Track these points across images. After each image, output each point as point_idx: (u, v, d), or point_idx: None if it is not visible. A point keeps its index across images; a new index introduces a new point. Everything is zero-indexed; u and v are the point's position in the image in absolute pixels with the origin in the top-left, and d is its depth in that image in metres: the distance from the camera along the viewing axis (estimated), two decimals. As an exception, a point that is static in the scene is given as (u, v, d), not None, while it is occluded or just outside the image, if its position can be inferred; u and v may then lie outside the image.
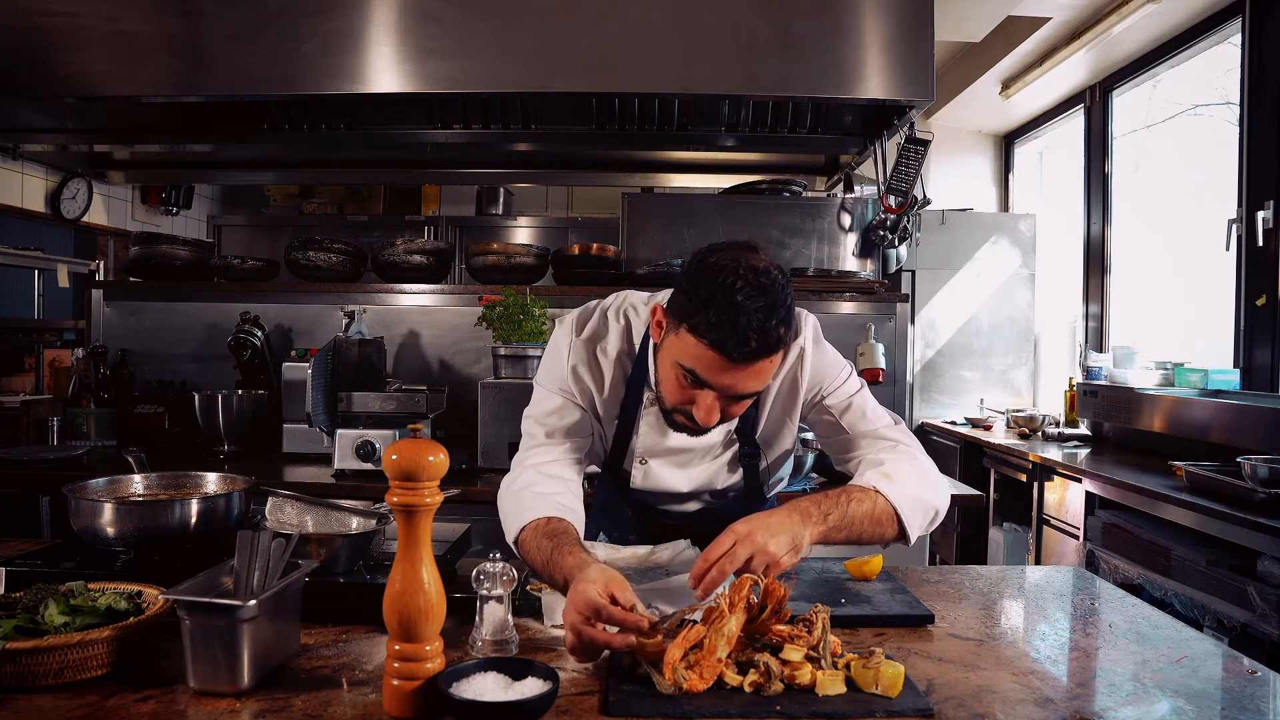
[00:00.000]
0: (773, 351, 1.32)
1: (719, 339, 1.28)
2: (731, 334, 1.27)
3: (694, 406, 1.37)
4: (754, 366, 1.32)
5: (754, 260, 1.33)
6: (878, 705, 1.03)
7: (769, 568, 1.24)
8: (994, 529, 4.10)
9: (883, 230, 3.41)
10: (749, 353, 1.29)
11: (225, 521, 1.51)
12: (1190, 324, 4.16)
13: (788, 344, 1.36)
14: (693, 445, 1.58)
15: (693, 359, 1.33)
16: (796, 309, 1.38)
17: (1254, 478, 2.39)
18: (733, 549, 1.24)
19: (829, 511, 1.36)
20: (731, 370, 1.31)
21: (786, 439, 1.63)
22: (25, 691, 1.05)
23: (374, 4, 2.86)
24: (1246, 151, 3.49)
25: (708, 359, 1.31)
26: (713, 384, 1.34)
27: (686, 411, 1.39)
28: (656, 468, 1.60)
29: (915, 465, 1.50)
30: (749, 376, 1.33)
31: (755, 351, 1.29)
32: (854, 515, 1.38)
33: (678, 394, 1.39)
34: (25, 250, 4.04)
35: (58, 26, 2.90)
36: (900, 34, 2.85)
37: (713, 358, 1.31)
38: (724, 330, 1.28)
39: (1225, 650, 1.29)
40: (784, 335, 1.32)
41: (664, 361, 1.41)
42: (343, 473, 2.69)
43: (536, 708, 0.99)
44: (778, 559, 1.26)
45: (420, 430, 1.08)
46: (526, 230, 5.86)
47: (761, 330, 1.28)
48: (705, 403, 1.36)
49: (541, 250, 3.45)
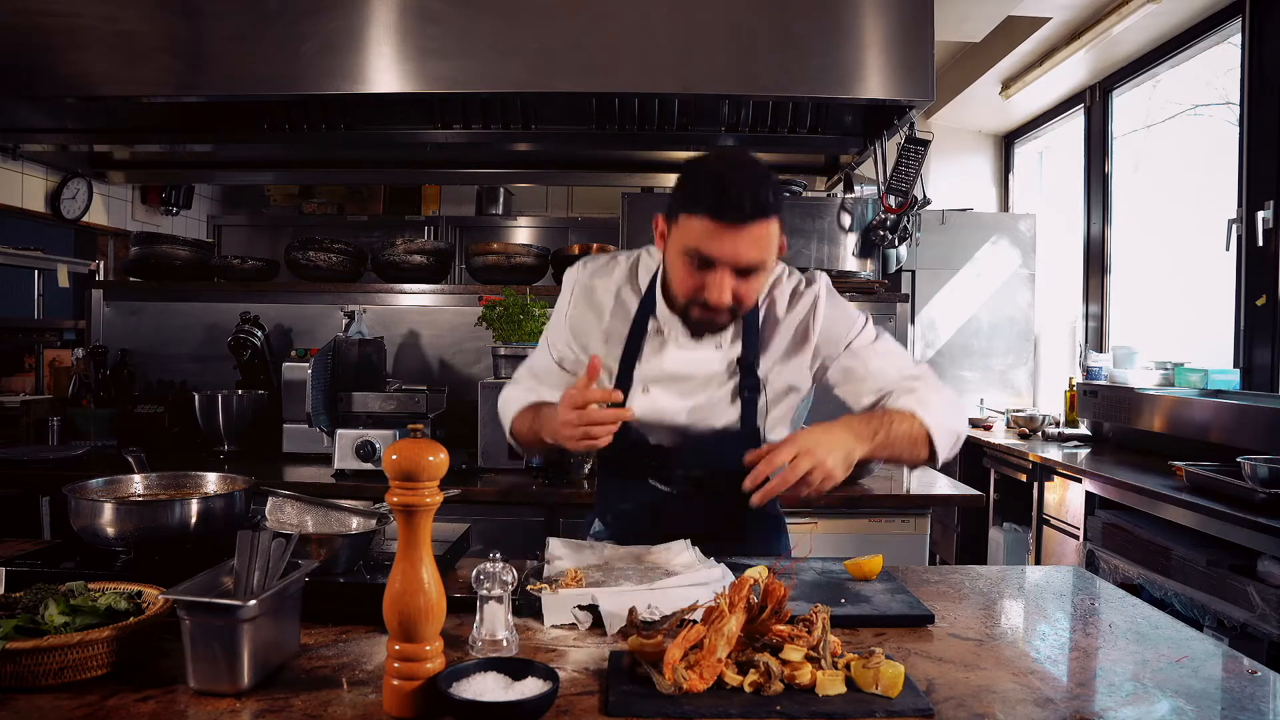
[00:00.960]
0: (764, 213, 1.40)
1: (714, 204, 1.39)
2: (723, 197, 1.38)
3: (706, 291, 1.44)
4: (749, 230, 1.40)
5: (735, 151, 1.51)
6: (878, 705, 1.03)
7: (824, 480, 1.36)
8: (994, 529, 4.10)
9: (883, 230, 3.41)
10: (742, 213, 1.39)
11: (225, 521, 1.51)
12: (1190, 324, 4.16)
13: (779, 213, 1.44)
14: (693, 373, 1.62)
15: (695, 237, 1.41)
16: (812, 272, 1.60)
17: (1254, 478, 2.39)
18: (795, 461, 1.34)
19: (877, 430, 1.47)
20: (730, 234, 1.40)
21: (790, 381, 1.66)
22: (25, 691, 1.05)
23: (374, 4, 2.87)
24: (1246, 151, 3.49)
25: (707, 230, 1.40)
26: (715, 255, 1.41)
27: (701, 301, 1.46)
28: (657, 394, 1.63)
29: (942, 394, 1.59)
30: (748, 242, 1.41)
31: (748, 212, 1.39)
32: (897, 435, 1.49)
33: (688, 283, 1.47)
34: (25, 250, 4.04)
35: (58, 26, 2.90)
36: (900, 34, 2.85)
37: (711, 227, 1.40)
38: (716, 196, 1.39)
39: (1225, 650, 1.29)
40: (774, 200, 1.42)
41: (671, 260, 1.49)
42: (343, 473, 2.69)
43: (536, 708, 0.99)
44: (833, 473, 1.37)
45: (420, 430, 1.08)
46: (526, 230, 5.86)
47: (752, 191, 1.38)
48: (715, 281, 1.43)
49: (541, 250, 3.45)
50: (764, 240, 1.42)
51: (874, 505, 2.59)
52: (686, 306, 1.51)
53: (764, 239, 1.42)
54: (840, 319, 1.66)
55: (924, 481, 2.85)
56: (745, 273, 1.45)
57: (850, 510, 2.59)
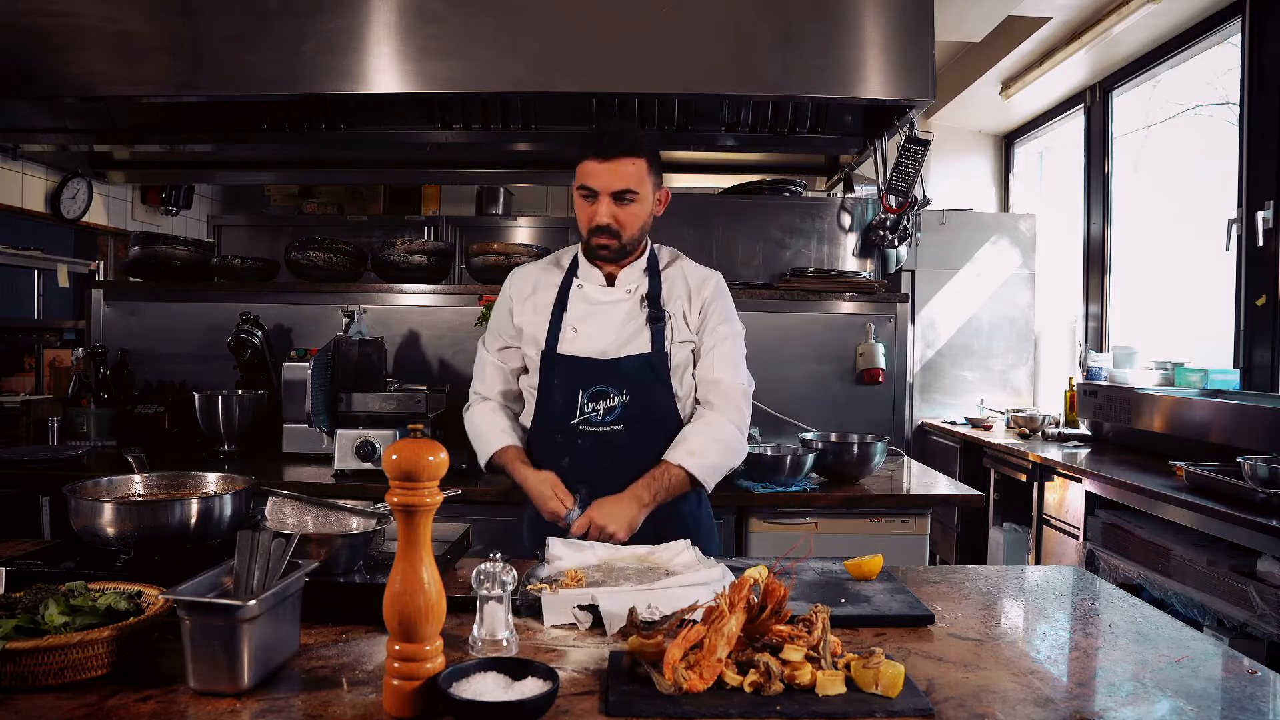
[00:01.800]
0: (630, 147, 1.87)
1: (591, 146, 1.88)
2: (597, 140, 1.89)
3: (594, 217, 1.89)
4: (617, 163, 1.86)
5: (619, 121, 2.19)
6: (878, 705, 1.03)
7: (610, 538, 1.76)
8: (994, 529, 4.10)
9: (883, 230, 3.41)
10: (611, 149, 1.86)
11: (225, 521, 1.51)
12: (1190, 324, 4.16)
13: (645, 155, 1.89)
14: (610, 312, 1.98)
15: (581, 176, 1.90)
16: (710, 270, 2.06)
17: (1254, 478, 2.39)
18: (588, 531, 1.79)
19: (656, 491, 1.87)
20: (602, 166, 1.86)
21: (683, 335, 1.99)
22: (25, 691, 1.05)
23: (374, 4, 2.86)
24: (1246, 151, 3.49)
25: (587, 168, 1.88)
26: (594, 185, 1.88)
27: (593, 228, 1.90)
28: (584, 331, 1.97)
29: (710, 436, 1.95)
30: (616, 172, 1.86)
31: (616, 149, 1.86)
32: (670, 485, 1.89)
33: (583, 216, 1.93)
34: (25, 250, 4.04)
35: (58, 26, 2.90)
36: (900, 34, 2.85)
37: (590, 165, 1.88)
38: (593, 140, 1.89)
39: (1225, 650, 1.29)
40: (641, 140, 1.90)
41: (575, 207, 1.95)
42: (343, 473, 2.69)
43: (536, 708, 0.99)
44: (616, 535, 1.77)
45: (420, 430, 1.08)
46: (526, 230, 5.85)
47: (617, 134, 1.89)
48: (598, 207, 1.89)
49: (541, 250, 3.44)
50: (632, 173, 1.87)
51: (874, 505, 2.59)
52: (588, 240, 1.94)
53: (632, 172, 1.87)
54: (724, 310, 2.03)
55: (924, 481, 2.85)
56: (620, 200, 1.88)
57: (850, 510, 2.59)
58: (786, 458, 2.60)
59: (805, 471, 2.61)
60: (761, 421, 3.22)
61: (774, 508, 2.58)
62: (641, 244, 2.02)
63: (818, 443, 2.76)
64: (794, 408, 3.34)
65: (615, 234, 1.91)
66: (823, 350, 3.37)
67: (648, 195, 1.93)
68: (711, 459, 1.92)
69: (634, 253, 2.01)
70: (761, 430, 3.08)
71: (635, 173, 1.87)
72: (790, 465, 2.59)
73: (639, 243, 2.00)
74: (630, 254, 2.00)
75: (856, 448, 2.73)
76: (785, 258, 3.59)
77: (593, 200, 1.89)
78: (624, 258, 2.00)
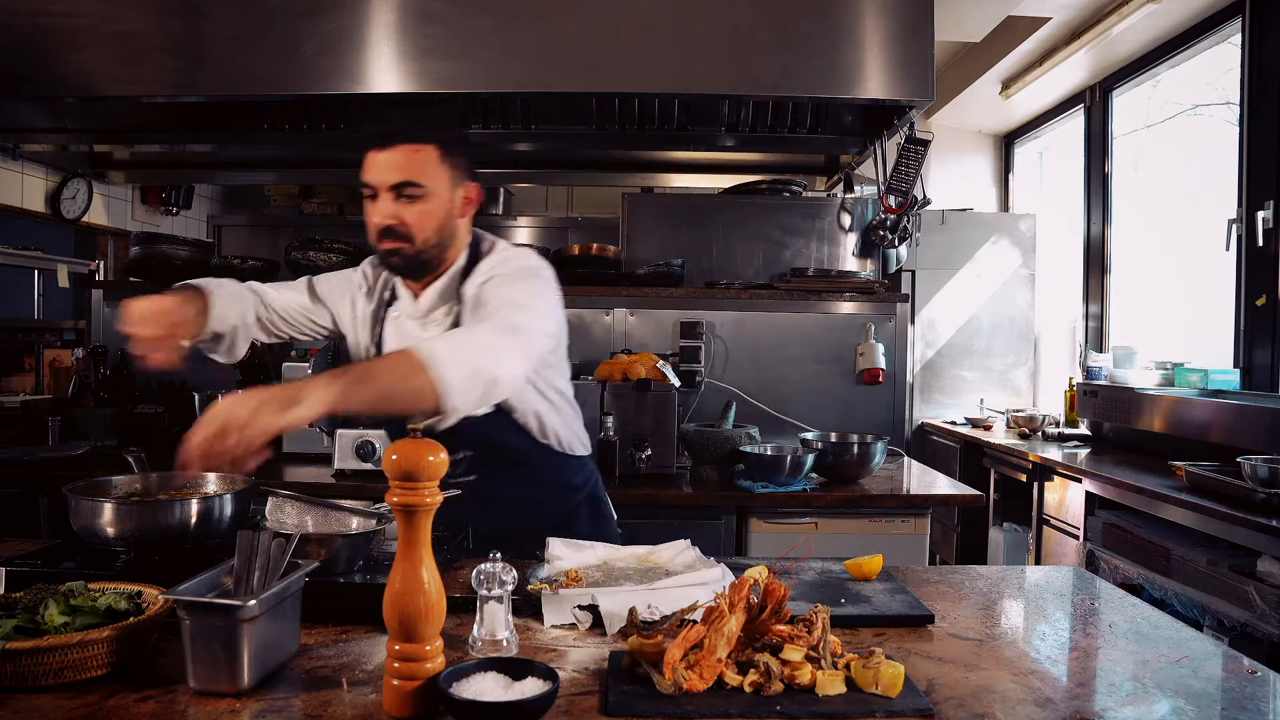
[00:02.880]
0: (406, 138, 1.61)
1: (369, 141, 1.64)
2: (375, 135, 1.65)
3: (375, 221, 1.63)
4: (396, 150, 1.60)
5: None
6: (878, 705, 1.03)
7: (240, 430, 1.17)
8: (994, 529, 4.10)
9: (883, 230, 3.41)
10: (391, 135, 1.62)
11: (225, 521, 1.51)
12: (1190, 324, 4.16)
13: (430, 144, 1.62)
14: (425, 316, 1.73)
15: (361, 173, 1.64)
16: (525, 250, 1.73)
17: (1254, 478, 2.39)
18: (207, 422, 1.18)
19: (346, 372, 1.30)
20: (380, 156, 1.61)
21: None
22: (25, 691, 1.05)
23: (374, 4, 2.86)
24: (1246, 151, 3.49)
25: (365, 164, 1.63)
26: (369, 179, 1.62)
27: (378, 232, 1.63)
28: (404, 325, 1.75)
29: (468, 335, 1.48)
30: (390, 164, 1.60)
31: (388, 138, 1.62)
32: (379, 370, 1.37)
33: (370, 219, 1.65)
34: (25, 250, 4.04)
35: (58, 26, 2.90)
36: (900, 34, 2.85)
37: (368, 159, 1.63)
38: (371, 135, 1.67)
39: (1225, 650, 1.29)
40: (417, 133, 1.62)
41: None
42: (343, 473, 2.69)
43: (536, 708, 0.99)
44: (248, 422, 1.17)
45: (420, 430, 1.08)
46: (526, 230, 5.85)
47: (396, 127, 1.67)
48: (379, 206, 1.62)
49: (541, 250, 3.44)
50: (411, 163, 1.60)
51: (874, 505, 2.59)
52: (378, 245, 1.65)
53: (412, 162, 1.60)
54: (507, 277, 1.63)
55: (924, 481, 2.85)
56: (403, 195, 1.61)
57: (850, 510, 2.59)
58: (786, 458, 2.60)
59: (805, 471, 2.61)
60: (761, 421, 3.23)
61: (774, 508, 2.58)
62: (451, 253, 1.71)
63: (818, 443, 2.76)
64: (794, 408, 3.34)
65: (405, 237, 1.62)
66: (823, 350, 3.37)
67: (441, 191, 1.64)
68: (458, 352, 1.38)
69: (440, 265, 1.70)
70: (761, 430, 3.08)
71: (419, 162, 1.60)
72: (790, 465, 2.59)
73: (444, 250, 1.69)
74: (435, 267, 1.70)
75: (856, 448, 2.73)
76: (785, 258, 3.60)
77: (373, 200, 1.63)
78: (426, 271, 1.70)
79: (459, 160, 1.67)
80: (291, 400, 1.21)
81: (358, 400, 1.28)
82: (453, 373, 1.33)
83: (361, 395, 1.28)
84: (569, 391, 1.88)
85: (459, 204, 1.68)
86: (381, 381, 1.32)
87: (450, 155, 1.65)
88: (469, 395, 1.36)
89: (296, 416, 1.20)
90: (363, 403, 1.29)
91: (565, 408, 1.85)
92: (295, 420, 1.20)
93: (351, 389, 1.27)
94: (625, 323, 3.44)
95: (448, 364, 1.33)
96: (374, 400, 1.30)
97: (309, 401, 1.22)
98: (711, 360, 3.38)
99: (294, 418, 1.20)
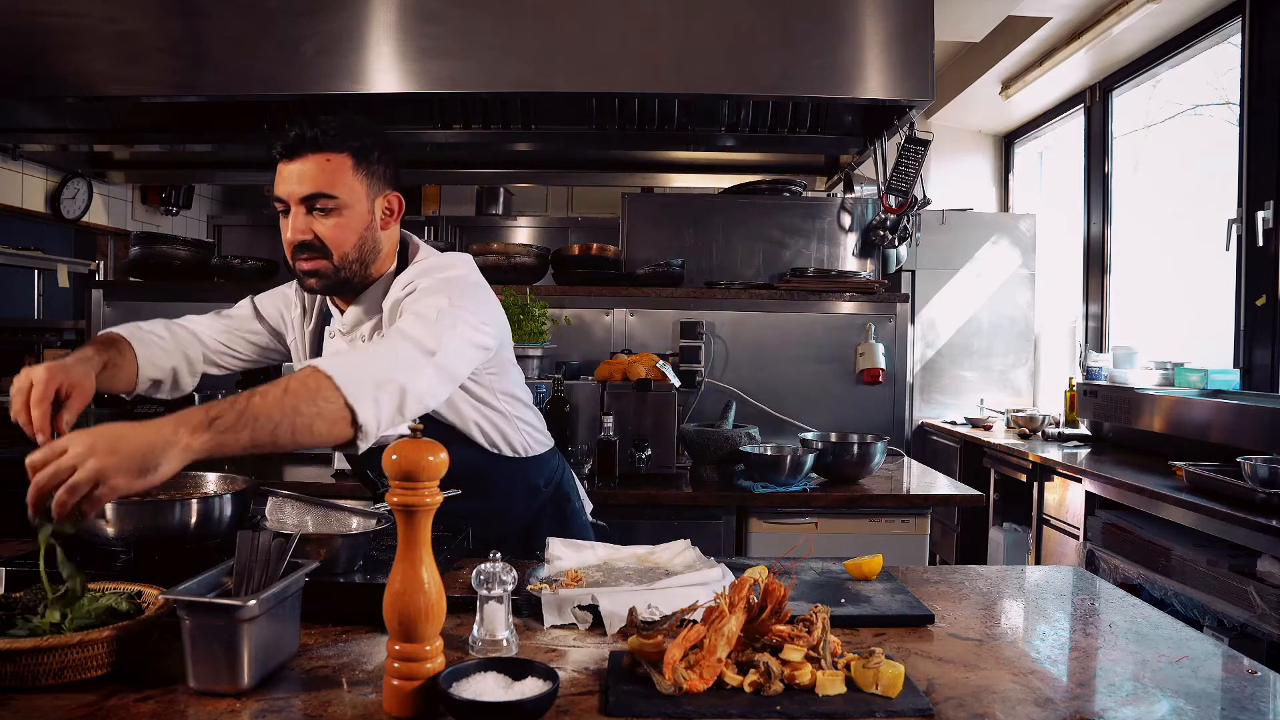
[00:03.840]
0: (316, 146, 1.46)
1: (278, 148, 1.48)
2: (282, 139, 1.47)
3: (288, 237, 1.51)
4: (300, 163, 1.46)
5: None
6: (878, 705, 1.03)
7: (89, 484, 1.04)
8: (994, 529, 4.10)
9: (883, 230, 3.41)
10: (297, 143, 1.46)
11: (225, 521, 1.51)
12: (1190, 324, 4.16)
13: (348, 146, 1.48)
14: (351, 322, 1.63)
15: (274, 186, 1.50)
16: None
17: (1254, 478, 2.39)
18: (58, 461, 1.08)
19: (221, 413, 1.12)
20: (288, 168, 1.47)
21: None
22: (25, 691, 1.05)
23: (374, 4, 2.87)
24: (1246, 151, 3.49)
25: (277, 175, 1.49)
26: (281, 193, 1.49)
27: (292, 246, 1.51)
28: (335, 344, 1.66)
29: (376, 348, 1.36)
30: (300, 175, 1.47)
31: (295, 144, 1.46)
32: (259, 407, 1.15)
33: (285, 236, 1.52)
34: (25, 250, 4.04)
35: (58, 26, 2.90)
36: (900, 34, 2.85)
37: (279, 171, 1.48)
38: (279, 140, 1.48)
39: (1225, 650, 1.29)
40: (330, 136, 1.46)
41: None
42: (343, 473, 2.69)
43: (536, 708, 0.99)
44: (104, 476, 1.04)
45: (420, 430, 1.08)
46: (526, 230, 5.86)
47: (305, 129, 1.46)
48: (291, 221, 1.50)
49: (541, 250, 3.45)
50: (323, 172, 1.46)
51: (874, 505, 2.59)
52: (294, 264, 1.54)
53: (323, 171, 1.46)
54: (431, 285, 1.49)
55: (924, 481, 2.85)
56: (316, 209, 1.49)
57: (850, 510, 2.59)
58: (786, 458, 2.61)
59: (805, 471, 2.61)
60: (761, 421, 3.23)
61: (774, 508, 2.58)
62: (375, 267, 1.58)
63: (818, 443, 2.76)
64: (794, 408, 3.34)
65: (321, 252, 1.50)
66: (823, 350, 3.38)
67: (358, 202, 1.50)
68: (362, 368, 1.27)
69: (364, 280, 1.58)
70: (761, 430, 3.08)
71: (331, 171, 1.46)
72: (790, 465, 2.59)
73: (367, 266, 1.56)
74: (359, 284, 1.58)
75: (856, 448, 2.73)
76: (785, 258, 3.60)
77: (286, 214, 1.50)
78: (349, 289, 1.58)
79: (376, 169, 1.53)
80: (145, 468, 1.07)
81: (238, 444, 1.13)
82: (353, 388, 1.22)
83: (241, 439, 1.14)
84: (524, 394, 1.78)
85: (379, 215, 1.55)
86: (270, 415, 1.15)
87: (365, 164, 1.51)
88: (380, 409, 1.25)
89: (155, 480, 1.08)
90: (246, 445, 1.14)
91: (521, 410, 1.76)
92: (154, 483, 1.09)
93: (228, 437, 1.12)
94: (625, 323, 3.44)
95: (344, 378, 1.22)
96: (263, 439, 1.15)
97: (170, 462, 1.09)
98: (711, 360, 3.39)
99: (151, 482, 1.08)
